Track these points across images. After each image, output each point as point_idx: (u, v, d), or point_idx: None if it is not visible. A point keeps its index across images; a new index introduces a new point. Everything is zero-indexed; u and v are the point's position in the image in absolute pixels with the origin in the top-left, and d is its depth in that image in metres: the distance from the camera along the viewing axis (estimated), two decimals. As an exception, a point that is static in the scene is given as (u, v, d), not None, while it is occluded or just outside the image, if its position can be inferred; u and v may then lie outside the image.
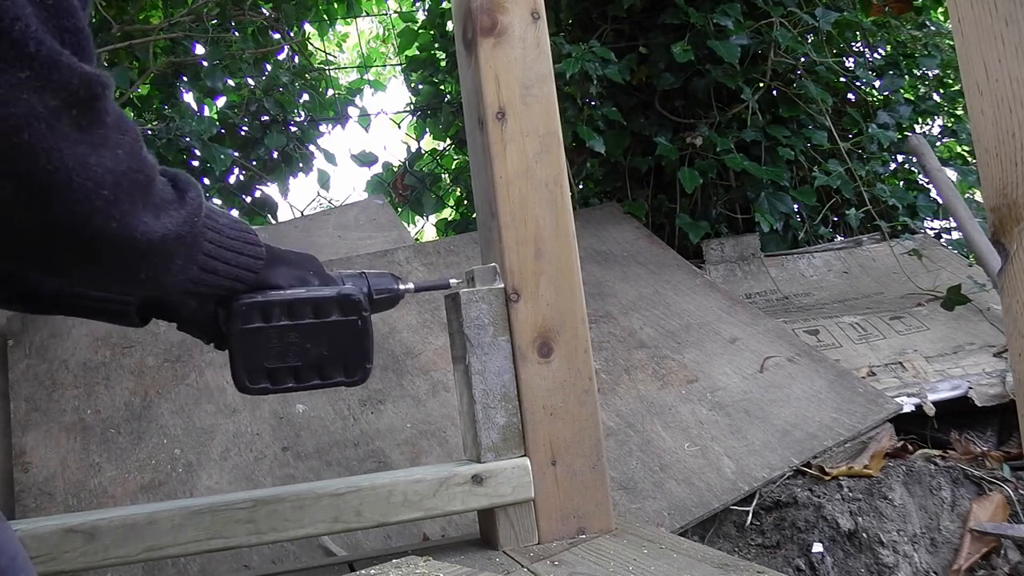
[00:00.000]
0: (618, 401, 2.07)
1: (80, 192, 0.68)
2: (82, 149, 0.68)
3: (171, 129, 3.01)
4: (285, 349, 0.99)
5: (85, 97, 0.67)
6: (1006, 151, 0.82)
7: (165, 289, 0.85)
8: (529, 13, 1.39)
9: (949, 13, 0.89)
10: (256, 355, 0.98)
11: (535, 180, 1.36)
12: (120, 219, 0.72)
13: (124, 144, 0.72)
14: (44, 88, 0.64)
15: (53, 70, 0.64)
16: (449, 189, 4.05)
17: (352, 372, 1.03)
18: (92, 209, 0.70)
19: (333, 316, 1.01)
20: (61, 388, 1.97)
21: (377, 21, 4.92)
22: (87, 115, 0.68)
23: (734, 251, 3.10)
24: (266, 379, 0.99)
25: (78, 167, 0.67)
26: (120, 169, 0.71)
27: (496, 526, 1.31)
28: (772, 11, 3.10)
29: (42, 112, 0.64)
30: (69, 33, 0.66)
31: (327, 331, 1.01)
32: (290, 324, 0.99)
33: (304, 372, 1.01)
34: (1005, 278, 0.85)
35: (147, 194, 0.75)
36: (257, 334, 0.98)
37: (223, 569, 1.61)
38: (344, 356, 1.02)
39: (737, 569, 1.13)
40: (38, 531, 1.11)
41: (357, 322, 1.02)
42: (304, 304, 1.00)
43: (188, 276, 0.86)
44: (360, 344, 1.03)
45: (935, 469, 1.87)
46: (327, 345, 1.01)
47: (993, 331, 2.45)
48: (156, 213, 0.77)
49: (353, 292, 1.03)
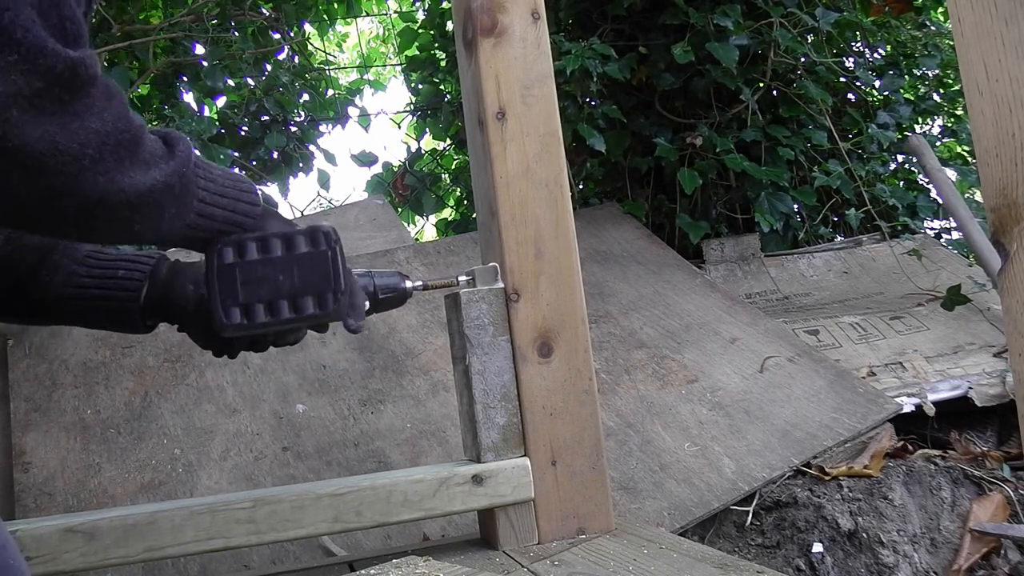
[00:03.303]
0: (618, 401, 2.07)
1: (68, 154, 0.74)
2: (67, 119, 0.73)
3: (171, 129, 3.00)
4: (258, 283, 1.02)
5: (69, 78, 0.72)
6: (1006, 151, 0.82)
7: (164, 236, 0.92)
8: (529, 13, 1.39)
9: (949, 13, 0.89)
10: (231, 291, 1.02)
11: (535, 180, 1.36)
12: (106, 174, 0.78)
13: (111, 108, 0.77)
14: (31, 71, 0.69)
15: (39, 55, 0.69)
16: (449, 189, 4.05)
17: (323, 303, 1.04)
18: (80, 168, 0.75)
19: (302, 248, 1.04)
20: (61, 388, 1.97)
21: (377, 21, 4.92)
22: (70, 91, 0.73)
23: (734, 251, 3.10)
24: (242, 315, 1.02)
25: (62, 133, 0.73)
26: (105, 130, 0.76)
27: (496, 526, 1.31)
28: (772, 11, 3.10)
29: (27, 92, 0.69)
30: (62, 20, 0.71)
31: (297, 262, 1.04)
32: (262, 258, 1.02)
33: (277, 305, 1.03)
34: (1005, 278, 0.85)
35: (134, 151, 0.81)
36: (232, 270, 1.01)
37: (223, 569, 1.61)
38: (315, 287, 1.04)
39: (737, 569, 1.13)
40: (38, 531, 1.11)
41: (327, 252, 1.05)
42: (275, 238, 1.03)
43: (185, 222, 0.92)
44: (330, 274, 1.05)
45: (935, 469, 1.87)
46: (298, 277, 1.04)
47: (993, 331, 2.45)
48: (144, 168, 0.82)
49: (322, 225, 1.06)
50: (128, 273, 1.08)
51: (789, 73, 3.35)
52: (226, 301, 1.02)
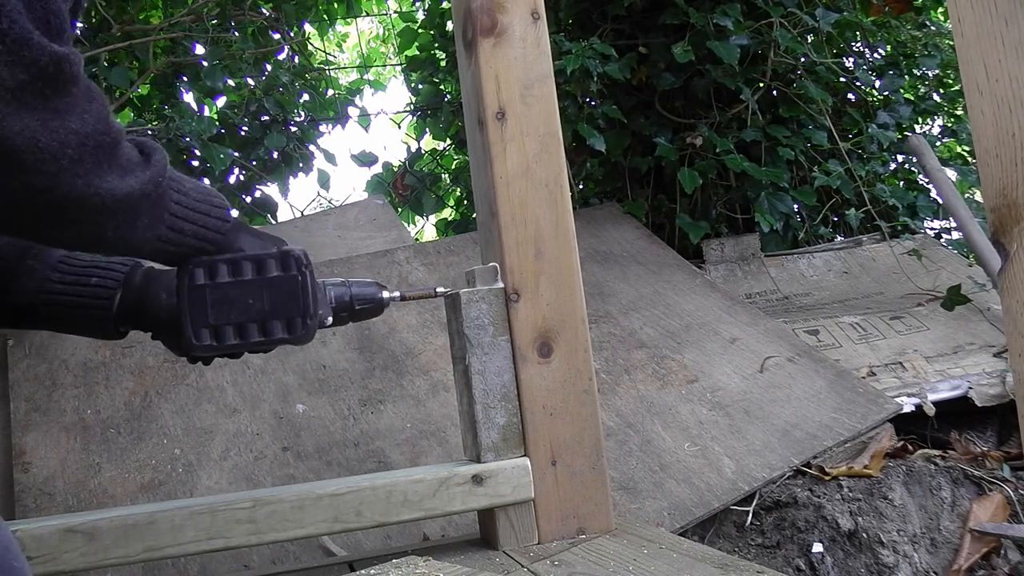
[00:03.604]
0: (618, 401, 2.07)
1: (47, 152, 0.73)
2: (47, 116, 0.73)
3: (171, 129, 3.01)
4: (228, 305, 1.02)
5: (53, 72, 0.72)
6: (1006, 151, 0.82)
7: (135, 248, 0.91)
8: (529, 13, 1.39)
9: (949, 13, 0.89)
10: (201, 312, 1.02)
11: (535, 180, 1.36)
12: (84, 176, 0.78)
13: (91, 110, 0.77)
14: (15, 63, 0.69)
15: (24, 47, 0.69)
16: (449, 189, 4.05)
17: (293, 328, 1.05)
18: (59, 168, 0.75)
19: (273, 272, 1.04)
20: (61, 388, 1.97)
21: (377, 21, 4.92)
22: (53, 87, 0.73)
23: (734, 251, 3.10)
24: (212, 336, 1.03)
25: (43, 130, 0.73)
26: (85, 131, 0.76)
27: (496, 526, 1.31)
28: (772, 11, 3.10)
29: (11, 85, 0.69)
30: (47, 14, 0.72)
31: (267, 286, 1.04)
32: (232, 281, 1.02)
33: (247, 328, 1.03)
34: (1005, 278, 0.85)
35: (113, 156, 0.81)
36: (202, 291, 1.02)
37: (223, 569, 1.62)
38: (284, 311, 1.04)
39: (737, 569, 1.13)
40: (38, 531, 1.11)
41: (297, 277, 1.05)
42: (246, 260, 1.03)
43: (156, 234, 0.91)
44: (299, 299, 1.05)
45: (935, 469, 1.87)
46: (268, 301, 1.04)
47: (993, 331, 2.45)
48: (121, 174, 0.82)
49: (293, 249, 1.06)
50: (101, 280, 1.07)
51: (789, 73, 3.35)
52: (196, 322, 1.02)
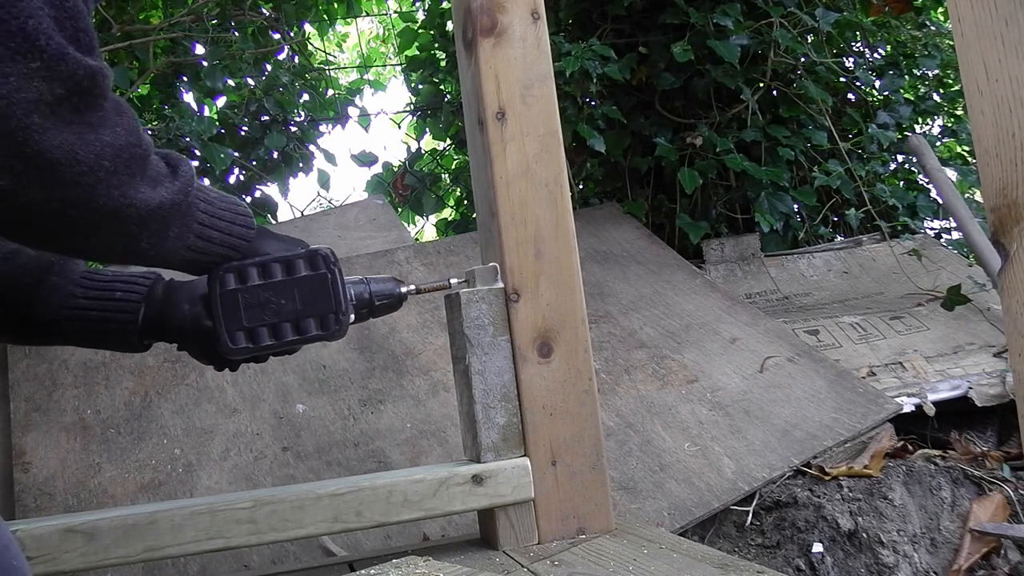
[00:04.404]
0: (618, 401, 2.07)
1: (84, 164, 0.76)
2: (83, 129, 0.76)
3: (171, 129, 3.01)
4: (262, 307, 1.05)
5: (88, 86, 0.75)
6: (1006, 151, 0.82)
7: (165, 258, 0.93)
8: (529, 13, 1.39)
9: (949, 13, 0.89)
10: (235, 316, 1.05)
11: (535, 180, 1.36)
12: (119, 188, 0.81)
13: (122, 123, 0.80)
14: (52, 78, 0.72)
15: (61, 62, 0.72)
16: (449, 189, 4.05)
17: (326, 324, 1.08)
18: (96, 180, 0.78)
19: (302, 272, 1.07)
20: (61, 388, 1.97)
21: (377, 21, 4.92)
22: (87, 101, 0.75)
23: (734, 251, 3.10)
24: (247, 338, 1.05)
25: (80, 143, 0.75)
26: (119, 143, 0.79)
27: (496, 526, 1.31)
28: (772, 11, 3.10)
29: (49, 99, 0.72)
30: (77, 31, 0.74)
31: (298, 286, 1.07)
32: (263, 283, 1.05)
33: (281, 328, 1.06)
34: (1005, 278, 0.85)
35: (144, 167, 0.84)
36: (235, 295, 1.04)
37: (223, 569, 1.62)
38: (316, 308, 1.07)
39: (737, 569, 1.13)
40: (38, 531, 1.11)
41: (326, 275, 1.08)
42: (275, 263, 1.06)
43: (185, 244, 0.94)
44: (331, 296, 1.08)
45: (935, 469, 1.87)
46: (299, 300, 1.07)
47: (993, 331, 2.45)
48: (153, 185, 0.85)
49: (320, 248, 1.09)
50: (125, 294, 1.09)
51: (789, 73, 3.35)
52: (231, 326, 1.04)
